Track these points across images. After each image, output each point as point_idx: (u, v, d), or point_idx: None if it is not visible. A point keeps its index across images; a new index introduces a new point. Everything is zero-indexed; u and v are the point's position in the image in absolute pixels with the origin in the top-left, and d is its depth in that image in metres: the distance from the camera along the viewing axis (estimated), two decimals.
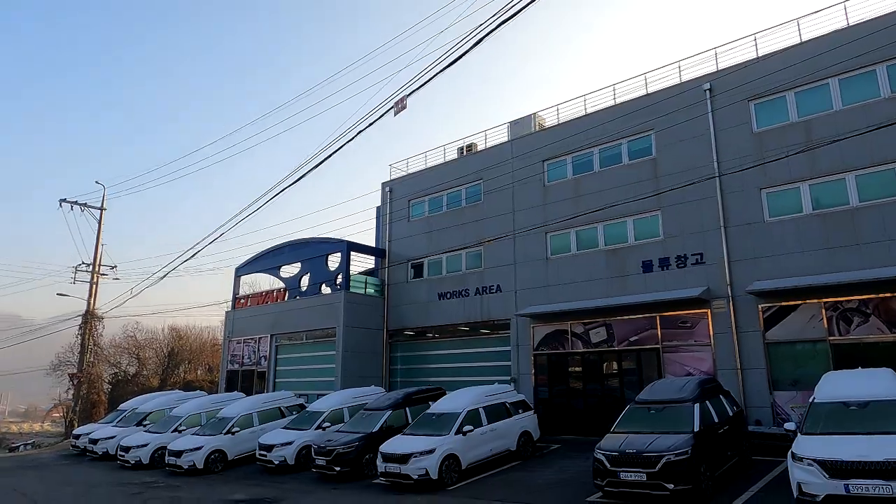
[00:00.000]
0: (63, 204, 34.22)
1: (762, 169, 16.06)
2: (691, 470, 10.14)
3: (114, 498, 14.14)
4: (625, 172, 19.17)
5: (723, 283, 16.57)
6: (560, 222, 20.03)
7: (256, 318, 28.07)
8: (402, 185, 26.28)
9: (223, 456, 17.92)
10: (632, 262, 18.48)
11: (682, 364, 17.04)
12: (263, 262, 29.20)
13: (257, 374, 27.52)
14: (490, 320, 21.86)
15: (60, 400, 41.35)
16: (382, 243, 26.50)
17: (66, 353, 38.87)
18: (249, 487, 14.90)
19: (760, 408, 15.49)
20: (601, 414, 17.32)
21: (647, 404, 12.18)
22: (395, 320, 24.98)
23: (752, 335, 15.95)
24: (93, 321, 33.84)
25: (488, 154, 23.26)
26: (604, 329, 18.79)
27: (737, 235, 16.61)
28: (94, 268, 34.05)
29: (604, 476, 10.77)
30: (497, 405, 15.62)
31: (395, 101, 11.79)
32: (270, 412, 19.75)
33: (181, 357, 43.87)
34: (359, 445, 15.12)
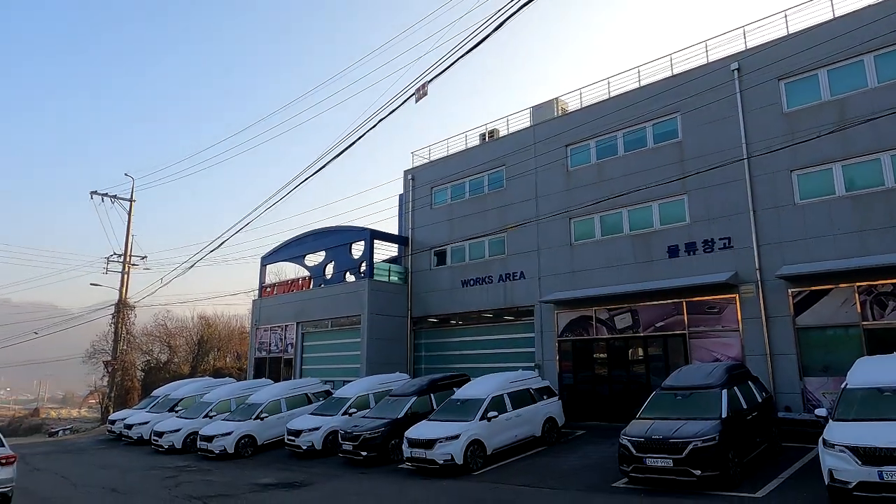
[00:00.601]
0: (94, 196, 35.05)
1: (793, 150, 15.65)
2: (719, 456, 10.04)
3: (149, 481, 14.58)
4: (650, 156, 18.86)
5: (751, 267, 16.26)
6: (584, 207, 19.84)
7: (283, 307, 28.49)
8: (424, 173, 26.27)
9: (253, 441, 18.32)
10: (657, 247, 18.23)
11: (710, 350, 16.83)
12: (288, 251, 29.55)
13: (284, 361, 27.98)
14: (514, 307, 21.83)
15: (96, 387, 42.61)
16: (405, 231, 26.58)
17: (101, 341, 40.00)
18: (278, 471, 15.22)
19: (790, 394, 15.24)
20: (627, 400, 17.22)
21: (673, 390, 12.07)
22: (419, 307, 25.11)
23: (781, 320, 15.65)
24: (125, 310, 34.73)
25: (510, 140, 23.09)
26: (629, 315, 18.62)
27: (766, 219, 16.26)
28: (125, 258, 34.87)
29: (629, 462, 10.73)
30: (521, 391, 15.65)
31: (416, 88, 11.76)
32: (298, 398, 20.11)
33: (210, 345, 44.78)
34: (385, 431, 15.31)
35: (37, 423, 45.28)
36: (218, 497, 12.04)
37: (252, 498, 11.89)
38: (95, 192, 35.05)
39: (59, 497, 12.70)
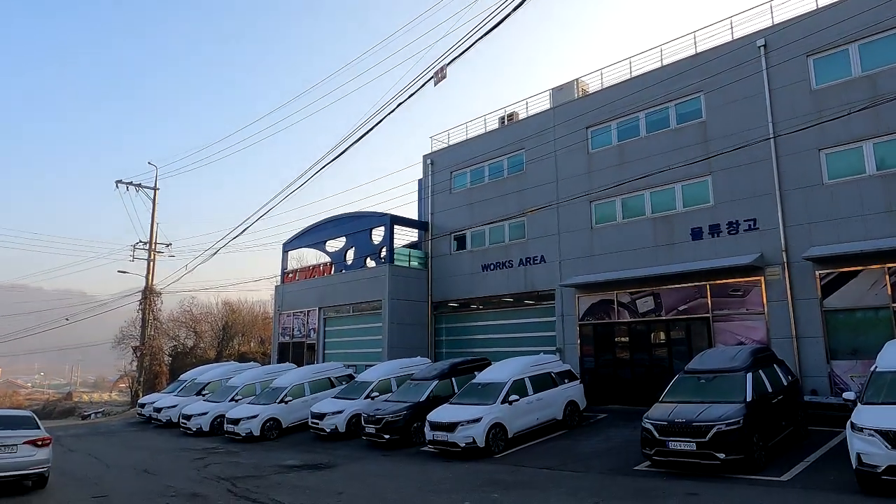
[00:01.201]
0: (119, 185, 35.67)
1: (821, 128, 15.24)
2: (743, 440, 9.96)
3: (178, 462, 14.97)
4: (672, 137, 18.52)
5: (777, 249, 15.95)
6: (604, 190, 19.60)
7: (305, 292, 28.81)
8: (443, 157, 26.18)
9: (278, 424, 18.67)
10: (680, 229, 17.98)
11: (734, 333, 16.62)
12: (309, 237, 29.80)
13: (307, 345, 28.36)
14: (534, 291, 21.78)
15: (125, 371, 43.68)
16: (425, 216, 26.58)
17: (129, 327, 40.95)
18: (303, 453, 15.51)
19: (817, 377, 15.00)
20: (649, 384, 17.13)
21: (696, 374, 11.97)
22: (440, 292, 25.18)
23: (808, 303, 15.37)
24: (151, 296, 35.47)
25: (530, 123, 22.86)
26: (651, 298, 18.45)
27: (792, 199, 15.90)
28: (150, 246, 35.52)
29: (652, 445, 10.70)
30: (542, 375, 15.67)
31: (435, 71, 11.68)
32: (321, 382, 20.41)
33: (235, 330, 45.55)
34: (407, 414, 15.47)
35: (70, 407, 46.71)
36: (245, 478, 12.32)
37: (278, 479, 12.14)
38: (121, 181, 35.68)
39: (93, 477, 13.11)
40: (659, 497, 8.99)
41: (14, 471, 10.91)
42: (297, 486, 11.36)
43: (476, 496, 9.75)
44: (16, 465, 10.90)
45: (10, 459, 10.85)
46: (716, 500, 8.58)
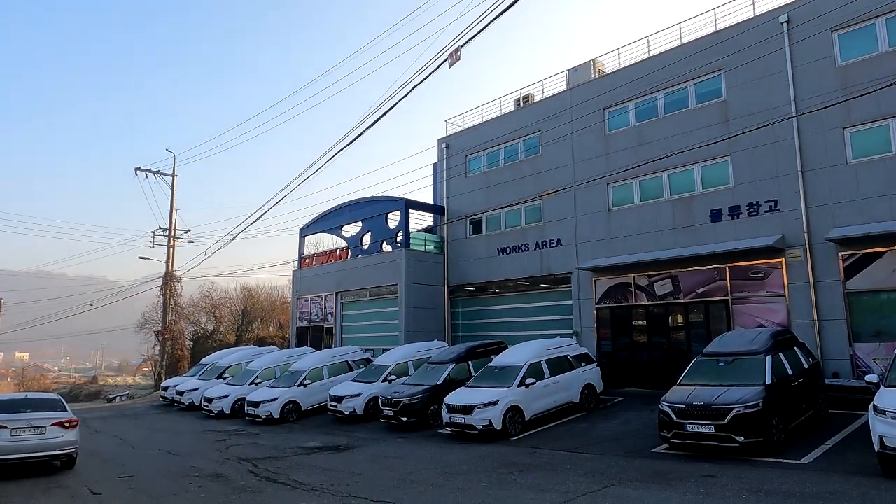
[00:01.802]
0: (138, 172, 36.08)
1: (846, 106, 14.85)
2: (762, 423, 9.89)
3: (201, 443, 15.29)
4: (692, 117, 18.20)
5: (799, 230, 15.68)
6: (622, 172, 19.37)
7: (322, 277, 29.03)
8: (458, 141, 26.04)
9: (297, 406, 18.95)
10: (699, 211, 17.73)
11: (753, 316, 16.43)
12: (325, 222, 29.95)
13: (325, 329, 28.64)
14: (551, 274, 21.70)
15: (148, 355, 44.59)
16: (440, 200, 26.54)
17: (151, 312, 41.67)
18: (322, 435, 15.74)
19: (839, 360, 14.80)
20: (666, 367, 17.05)
21: (715, 356, 11.88)
22: (456, 276, 25.21)
23: (830, 285, 15.12)
24: (172, 282, 36.01)
25: (546, 104, 22.60)
26: (669, 281, 18.28)
27: (815, 180, 15.57)
28: (169, 232, 35.99)
29: (669, 428, 10.68)
30: (559, 358, 15.66)
31: (450, 53, 11.57)
32: (339, 366, 20.63)
33: (254, 315, 46.16)
34: (424, 397, 15.60)
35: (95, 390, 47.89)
36: (266, 459, 12.55)
37: (299, 460, 12.35)
38: (139, 168, 36.09)
39: (119, 458, 13.45)
40: (676, 479, 8.98)
41: (43, 451, 11.23)
42: (317, 467, 11.55)
43: (493, 478, 9.83)
44: (45, 445, 11.22)
45: (40, 440, 11.17)
46: (733, 482, 8.55)
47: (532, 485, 9.18)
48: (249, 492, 9.57)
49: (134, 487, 10.22)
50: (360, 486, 9.69)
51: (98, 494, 9.73)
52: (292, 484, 10.03)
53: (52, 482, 10.76)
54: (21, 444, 10.99)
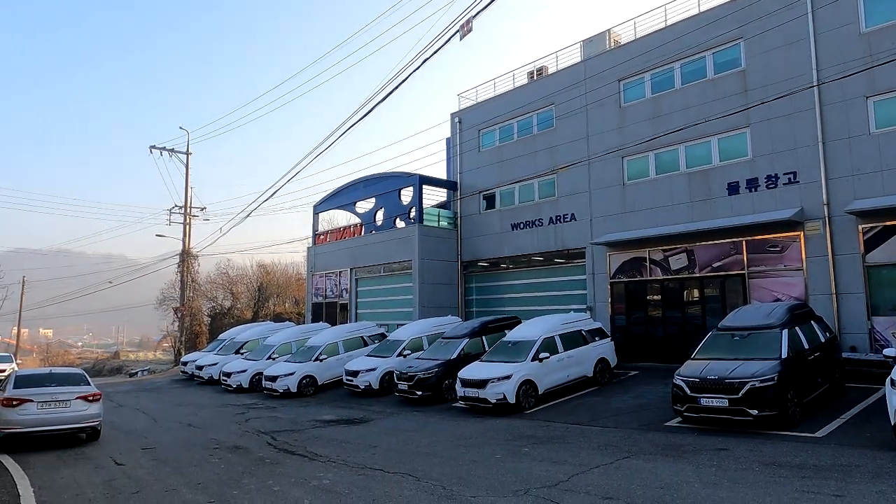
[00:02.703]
0: (153, 150, 36.28)
1: (870, 74, 14.41)
2: (777, 396, 9.86)
3: (221, 417, 15.63)
4: (709, 88, 17.80)
5: (818, 203, 15.39)
6: (637, 145, 19.08)
7: (336, 253, 29.20)
8: (471, 115, 25.77)
9: (313, 381, 19.25)
10: (716, 184, 17.46)
11: (770, 290, 16.27)
12: (339, 198, 29.99)
13: (340, 305, 28.91)
14: (565, 249, 21.61)
15: (168, 331, 45.43)
16: (453, 175, 26.40)
17: (169, 289, 42.33)
18: (338, 409, 16.00)
19: (856, 334, 14.65)
20: (681, 341, 17.00)
21: (730, 331, 11.81)
22: (469, 252, 25.21)
23: (849, 258, 14.88)
24: (189, 259, 36.45)
25: (560, 77, 22.22)
26: (685, 255, 18.12)
27: (836, 151, 15.22)
28: (185, 210, 36.30)
29: (683, 402, 10.69)
30: (573, 333, 15.69)
31: (461, 25, 11.38)
32: (354, 341, 20.87)
33: (270, 291, 46.66)
34: (438, 371, 15.75)
35: (118, 365, 49.01)
36: (284, 432, 12.80)
37: (316, 433, 12.59)
38: (154, 147, 36.28)
39: (142, 430, 13.81)
40: (689, 452, 9.02)
41: (68, 424, 11.56)
42: (334, 439, 11.76)
43: (507, 450, 9.95)
44: (70, 418, 11.54)
45: (65, 413, 11.49)
46: (747, 454, 8.57)
47: (545, 457, 9.28)
48: (268, 463, 9.79)
49: (156, 458, 10.50)
50: (376, 457, 9.87)
51: (122, 465, 10.01)
52: (310, 456, 10.24)
53: (78, 454, 11.09)
54: (47, 417, 11.32)
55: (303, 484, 8.30)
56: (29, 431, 11.21)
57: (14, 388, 11.54)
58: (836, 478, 7.21)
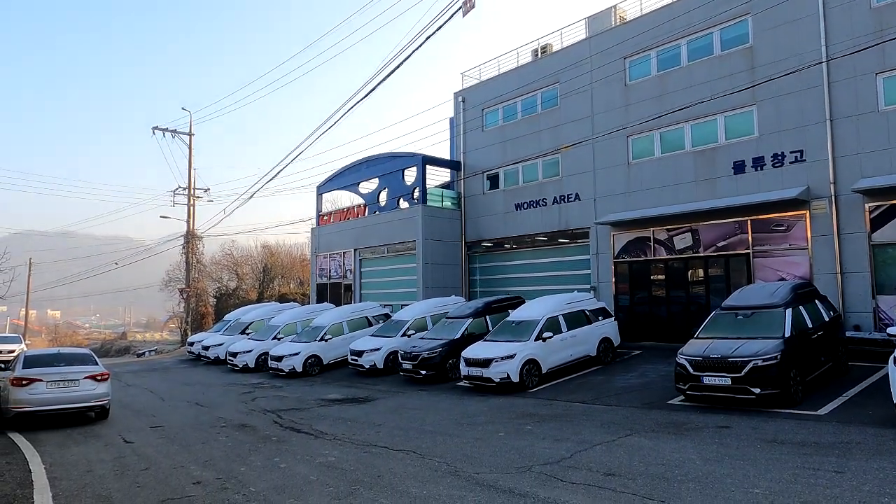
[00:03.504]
0: (155, 131, 36.17)
1: (880, 50, 14.18)
2: (780, 375, 9.89)
3: (227, 396, 15.81)
4: (716, 65, 17.56)
5: (825, 181, 15.26)
6: (643, 123, 18.90)
7: (340, 234, 29.22)
8: (474, 94, 25.54)
9: (319, 360, 19.42)
10: (722, 163, 17.32)
11: (775, 269, 16.22)
12: (342, 179, 29.92)
13: (344, 286, 29.02)
14: (569, 229, 21.56)
15: (174, 312, 45.76)
16: (457, 155, 26.26)
17: (174, 270, 42.53)
18: (343, 388, 16.16)
19: (861, 313, 14.64)
20: (685, 321, 17.03)
21: (734, 310, 11.81)
22: (473, 232, 25.18)
23: (855, 237, 14.80)
24: (193, 241, 36.55)
25: (564, 54, 21.95)
26: (689, 235, 18.06)
27: (844, 128, 15.04)
28: (189, 191, 36.30)
29: (686, 380, 10.74)
30: (576, 312, 15.73)
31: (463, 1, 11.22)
32: (359, 321, 20.99)
33: (274, 272, 46.86)
34: (442, 351, 15.85)
35: (125, 346, 49.51)
36: (290, 410, 12.95)
37: (321, 411, 12.73)
38: (157, 128, 36.18)
39: (150, 409, 14.00)
40: (691, 429, 9.09)
41: (77, 403, 11.72)
42: (339, 417, 11.90)
43: (510, 427, 10.05)
44: (78, 397, 11.70)
45: (74, 393, 11.65)
46: (749, 432, 8.63)
47: (548, 434, 9.37)
48: (274, 441, 9.92)
49: (165, 436, 10.65)
50: (381, 435, 9.98)
51: (131, 443, 10.17)
52: (315, 434, 10.37)
53: (88, 432, 11.26)
54: (56, 397, 11.48)
55: (309, 461, 8.41)
56: (39, 410, 11.39)
57: (23, 367, 11.70)
58: (836, 454, 7.26)
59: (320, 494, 6.77)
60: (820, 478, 6.40)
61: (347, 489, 6.94)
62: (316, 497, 6.68)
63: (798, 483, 6.26)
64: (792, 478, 6.46)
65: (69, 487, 7.51)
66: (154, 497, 6.95)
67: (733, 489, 6.20)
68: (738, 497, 5.94)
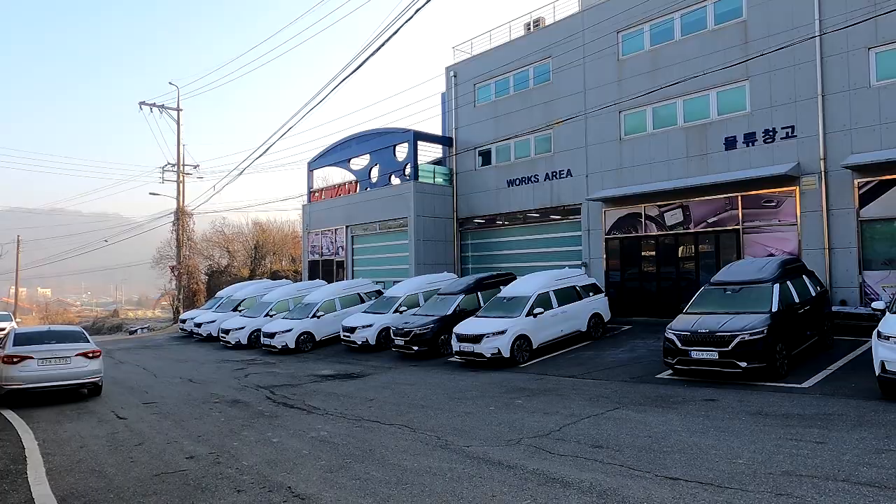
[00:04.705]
0: (143, 107, 35.58)
1: (874, 24, 14.11)
2: (766, 349, 10.04)
3: (220, 372, 15.88)
4: (709, 39, 17.42)
5: (815, 157, 15.31)
6: (635, 99, 18.80)
7: (331, 211, 29.09)
8: (466, 69, 25.25)
9: (311, 337, 19.49)
10: (713, 138, 17.31)
11: (764, 245, 16.35)
12: (333, 155, 29.67)
13: (336, 263, 29.00)
14: (560, 206, 21.56)
15: (166, 289, 45.61)
16: (449, 131, 26.08)
17: (165, 247, 42.30)
18: (336, 364, 16.27)
19: (847, 288, 14.83)
20: (675, 297, 17.18)
21: (722, 285, 11.93)
22: (465, 208, 25.14)
23: (843, 213, 14.91)
24: (184, 217, 36.27)
25: (557, 28, 21.68)
26: (680, 211, 18.12)
27: (836, 104, 15.04)
28: (178, 168, 35.89)
29: (674, 355, 10.89)
30: (567, 288, 15.82)
31: None
32: (351, 298, 21.03)
33: (266, 249, 46.70)
34: (434, 327, 15.95)
35: (117, 323, 49.41)
36: (283, 386, 13.04)
37: (314, 387, 12.83)
38: (144, 103, 35.55)
39: (143, 386, 14.04)
40: (678, 402, 9.25)
41: (69, 380, 11.74)
42: (332, 393, 12.00)
43: (500, 402, 10.18)
44: (70, 374, 11.72)
45: (66, 370, 11.66)
46: (735, 405, 8.79)
47: (538, 408, 9.51)
48: (267, 416, 10.01)
49: (158, 412, 10.72)
50: (373, 410, 10.09)
51: (124, 419, 10.23)
52: (308, 409, 10.46)
53: (81, 408, 11.30)
54: (48, 374, 11.49)
55: (301, 435, 8.51)
56: (30, 387, 11.40)
57: (14, 345, 11.69)
58: (819, 426, 7.42)
59: (312, 468, 6.86)
60: (802, 448, 6.55)
61: (339, 462, 7.04)
62: (308, 470, 6.77)
63: (780, 453, 6.41)
64: (775, 448, 6.61)
65: (63, 463, 7.57)
66: (148, 471, 7.02)
67: (717, 460, 6.33)
68: (722, 467, 6.08)
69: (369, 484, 6.19)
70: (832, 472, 5.74)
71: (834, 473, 5.69)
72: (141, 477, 6.82)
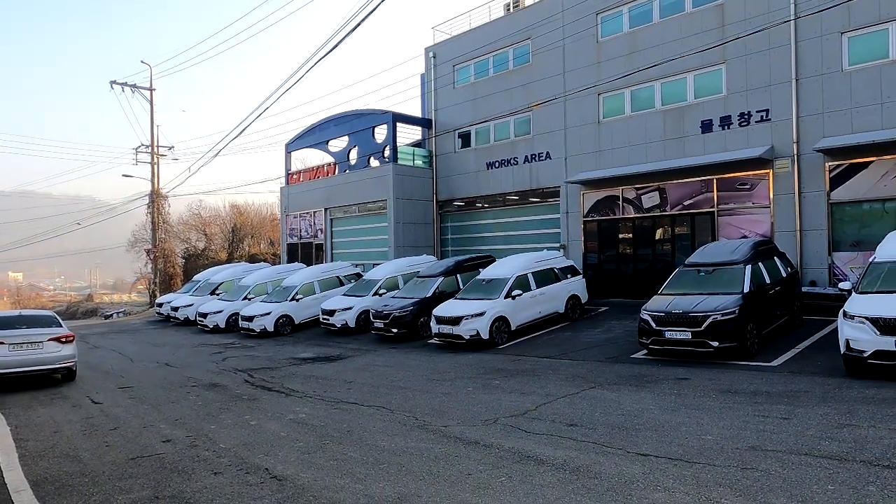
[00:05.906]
0: (114, 86, 34.69)
1: (847, 9, 14.28)
2: (737, 329, 10.28)
3: (198, 356, 15.77)
4: (687, 22, 17.48)
5: (788, 141, 15.55)
6: (613, 81, 18.84)
7: (310, 193, 28.81)
8: (445, 50, 25.02)
9: (290, 320, 19.42)
10: (690, 122, 17.46)
11: (738, 227, 16.64)
12: (311, 136, 29.30)
13: (315, 246, 28.82)
14: (539, 188, 21.64)
15: (142, 273, 44.92)
16: (428, 113, 25.89)
17: (140, 230, 41.57)
18: (315, 347, 16.26)
19: (817, 269, 15.19)
20: (651, 278, 17.42)
21: (696, 267, 12.15)
22: (445, 191, 25.09)
23: (814, 195, 15.22)
24: (159, 200, 35.65)
25: (537, 9, 21.55)
26: (657, 193, 18.32)
27: (809, 88, 15.25)
28: (152, 149, 35.18)
29: (648, 335, 11.09)
30: (546, 271, 15.96)
31: None
32: (330, 281, 20.96)
33: (244, 232, 46.17)
34: (414, 309, 15.99)
35: (92, 308, 48.60)
36: (261, 369, 13.01)
37: (292, 370, 12.82)
38: (115, 82, 34.68)
39: (118, 370, 13.90)
40: (652, 381, 9.45)
41: (42, 365, 11.57)
42: (311, 376, 12.01)
43: (478, 383, 10.29)
44: (43, 360, 11.55)
45: (38, 355, 11.49)
46: (706, 383, 9.01)
47: (514, 389, 9.64)
48: (245, 399, 9.99)
49: (134, 397, 10.63)
50: (352, 392, 10.13)
51: (99, 404, 10.13)
52: (286, 392, 10.47)
53: (55, 393, 11.16)
54: (19, 359, 11.31)
55: (279, 418, 8.52)
56: (2, 373, 11.21)
57: None
58: (785, 402, 7.66)
59: (290, 449, 6.89)
60: (768, 424, 6.76)
61: (317, 444, 7.08)
62: (286, 452, 6.80)
63: (748, 429, 6.60)
64: (742, 424, 6.81)
65: (36, 448, 7.49)
66: (123, 455, 6.99)
67: (687, 436, 6.51)
68: (692, 443, 6.25)
69: (346, 464, 6.24)
70: (796, 446, 5.94)
71: (797, 447, 5.89)
72: (116, 461, 6.79)
